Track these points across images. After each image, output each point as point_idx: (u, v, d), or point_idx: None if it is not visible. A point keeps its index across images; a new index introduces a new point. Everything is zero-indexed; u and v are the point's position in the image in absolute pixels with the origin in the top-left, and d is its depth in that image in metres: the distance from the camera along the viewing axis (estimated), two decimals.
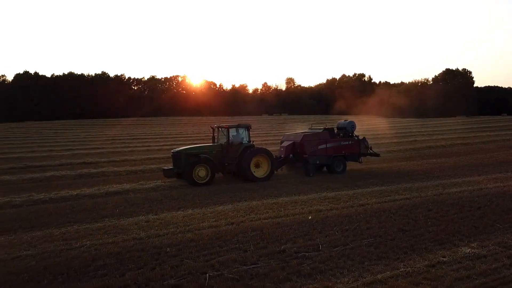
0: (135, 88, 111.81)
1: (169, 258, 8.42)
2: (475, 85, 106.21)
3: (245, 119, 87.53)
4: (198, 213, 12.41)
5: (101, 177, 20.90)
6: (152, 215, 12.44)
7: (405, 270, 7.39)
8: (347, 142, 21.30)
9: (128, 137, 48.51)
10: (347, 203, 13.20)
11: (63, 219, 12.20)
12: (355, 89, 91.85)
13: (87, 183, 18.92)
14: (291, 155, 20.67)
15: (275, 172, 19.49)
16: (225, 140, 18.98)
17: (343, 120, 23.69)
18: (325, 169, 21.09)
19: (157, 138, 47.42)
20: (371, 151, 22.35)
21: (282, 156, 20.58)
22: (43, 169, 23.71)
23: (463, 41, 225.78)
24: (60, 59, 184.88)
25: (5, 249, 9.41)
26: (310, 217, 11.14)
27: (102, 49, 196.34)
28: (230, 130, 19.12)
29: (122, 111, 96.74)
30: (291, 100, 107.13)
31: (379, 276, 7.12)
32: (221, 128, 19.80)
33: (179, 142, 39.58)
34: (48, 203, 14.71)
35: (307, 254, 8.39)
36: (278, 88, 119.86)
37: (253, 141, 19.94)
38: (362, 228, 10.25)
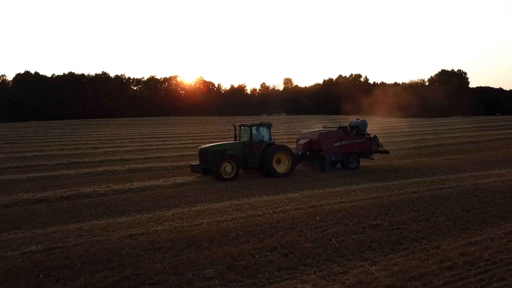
0: (135, 88, 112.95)
1: (288, 230, 10.22)
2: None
3: (245, 119, 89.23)
4: (276, 199, 14.20)
5: (151, 172, 22.52)
6: (235, 201, 14.21)
7: (489, 236, 9.31)
8: (360, 140, 22.66)
9: (143, 136, 49.72)
10: (400, 191, 15.08)
11: (160, 205, 13.93)
12: (357, 89, 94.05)
13: (145, 176, 20.61)
14: (308, 152, 22.02)
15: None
16: (247, 138, 20.34)
17: (355, 119, 25.30)
18: (338, 165, 22.34)
19: (172, 137, 48.85)
20: (381, 148, 23.80)
21: (300, 153, 21.84)
22: (90, 165, 25.20)
23: (454, 43, 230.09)
24: (60, 59, 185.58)
25: (138, 226, 11.14)
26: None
27: (101, 49, 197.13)
28: (246, 128, 20.48)
29: (123, 111, 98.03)
30: (289, 100, 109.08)
31: (472, 240, 9.03)
32: (244, 126, 21.12)
33: (198, 141, 41.35)
34: (130, 192, 16.40)
35: (400, 226, 10.25)
36: (276, 88, 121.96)
37: (273, 139, 21.32)
38: (429, 209, 12.14)
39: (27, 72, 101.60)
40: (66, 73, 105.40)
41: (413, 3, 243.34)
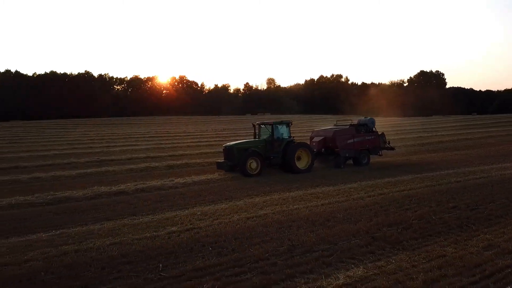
0: (118, 87, 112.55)
1: (382, 211, 11.84)
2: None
3: (230, 119, 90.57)
4: (341, 189, 15.78)
5: (190, 167, 23.78)
6: (304, 191, 15.70)
7: None
8: (370, 137, 24.26)
9: (144, 135, 50.52)
10: (444, 181, 16.89)
11: (240, 194, 15.37)
12: (350, 89, 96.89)
13: (190, 171, 21.83)
14: (323, 149, 23.28)
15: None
16: (267, 136, 21.56)
17: (363, 117, 27.04)
18: (350, 161, 23.66)
19: (175, 136, 49.89)
20: (388, 145, 25.42)
21: (315, 150, 22.96)
22: (123, 163, 26.22)
23: (428, 45, 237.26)
24: (41, 58, 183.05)
25: (244, 211, 12.55)
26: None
27: (84, 48, 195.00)
28: (267, 126, 21.69)
29: (107, 111, 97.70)
30: (273, 100, 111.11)
31: None
32: (265, 125, 22.22)
33: (204, 140, 42.78)
34: (196, 185, 17.75)
35: (476, 208, 12.02)
36: (259, 88, 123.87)
37: (293, 137, 22.48)
38: (485, 194, 13.97)
39: (7, 71, 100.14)
40: (48, 72, 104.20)
41: (392, 7, 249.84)
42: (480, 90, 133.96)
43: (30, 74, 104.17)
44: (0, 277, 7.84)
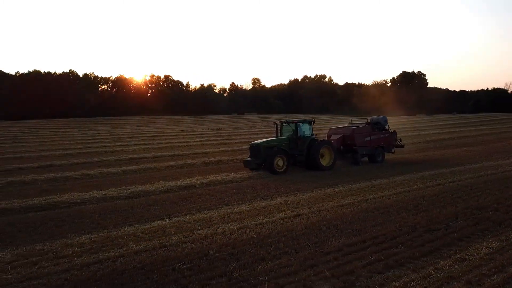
0: (103, 87, 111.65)
1: (456, 198, 13.25)
2: None
3: (218, 118, 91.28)
4: (396, 181, 17.09)
5: (225, 164, 24.69)
6: (360, 184, 16.92)
7: None
8: (384, 135, 25.51)
9: (146, 135, 50.86)
10: (481, 173, 18.45)
11: (305, 186, 16.50)
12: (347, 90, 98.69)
13: (227, 167, 22.79)
14: (341, 146, 24.23)
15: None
16: (288, 134, 22.39)
17: (376, 116, 28.47)
18: (365, 158, 24.52)
19: (178, 135, 50.34)
20: (399, 142, 26.79)
21: None
22: (154, 160, 26.88)
23: (405, 46, 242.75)
24: (24, 57, 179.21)
25: (327, 201, 13.72)
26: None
27: (67, 47, 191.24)
28: (291, 124, 22.54)
29: (93, 110, 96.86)
30: (259, 100, 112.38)
31: None
32: (288, 123, 23.04)
33: (212, 138, 43.63)
34: (252, 179, 18.71)
35: None
36: (244, 88, 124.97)
37: (316, 135, 23.31)
38: None
39: None
40: (31, 71, 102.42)
41: (375, 9, 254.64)
42: (454, 90, 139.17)
43: (13, 73, 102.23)
44: (177, 256, 8.77)
